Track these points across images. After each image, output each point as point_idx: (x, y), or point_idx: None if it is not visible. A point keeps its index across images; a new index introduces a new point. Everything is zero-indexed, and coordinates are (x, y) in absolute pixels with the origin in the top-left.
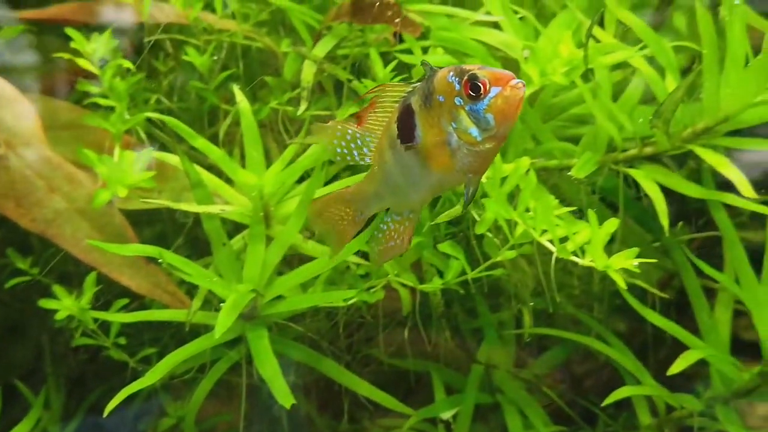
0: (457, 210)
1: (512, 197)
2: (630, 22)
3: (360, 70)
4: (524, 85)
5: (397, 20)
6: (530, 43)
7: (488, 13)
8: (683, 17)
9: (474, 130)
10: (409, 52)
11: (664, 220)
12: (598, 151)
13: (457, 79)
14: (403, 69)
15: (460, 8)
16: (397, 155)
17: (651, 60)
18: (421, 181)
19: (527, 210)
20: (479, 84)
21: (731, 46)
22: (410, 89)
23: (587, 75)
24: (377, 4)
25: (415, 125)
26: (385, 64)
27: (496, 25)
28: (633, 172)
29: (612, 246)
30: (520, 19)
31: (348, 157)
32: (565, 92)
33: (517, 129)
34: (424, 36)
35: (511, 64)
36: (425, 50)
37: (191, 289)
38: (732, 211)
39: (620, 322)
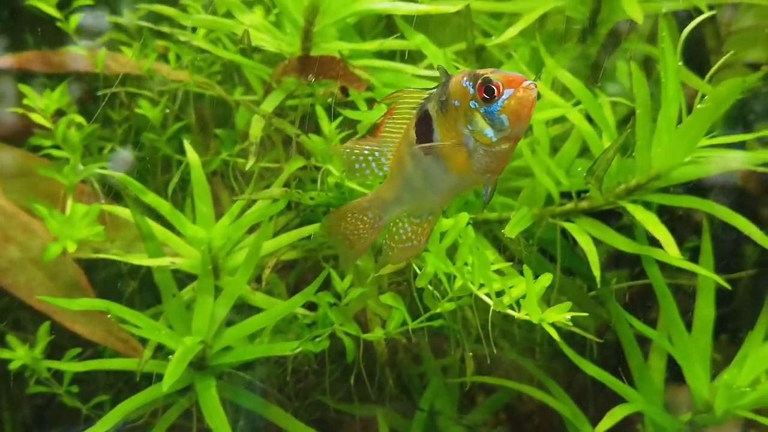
0: (400, 264)
1: (455, 249)
2: (566, 81)
3: (308, 123)
4: (536, 87)
5: (343, 76)
6: None
7: (431, 67)
8: (625, 67)
9: (489, 131)
10: (354, 107)
11: (596, 272)
12: (536, 205)
13: (471, 83)
14: (349, 124)
15: (404, 63)
16: (416, 160)
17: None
18: (441, 183)
19: (466, 264)
20: (493, 87)
21: (665, 107)
22: (426, 96)
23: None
24: (323, 60)
25: (433, 130)
26: (335, 117)
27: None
28: (568, 226)
29: (551, 294)
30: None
31: (367, 171)
32: None
33: None
34: (370, 90)
35: None
36: (370, 105)
37: None
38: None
39: (561, 366)
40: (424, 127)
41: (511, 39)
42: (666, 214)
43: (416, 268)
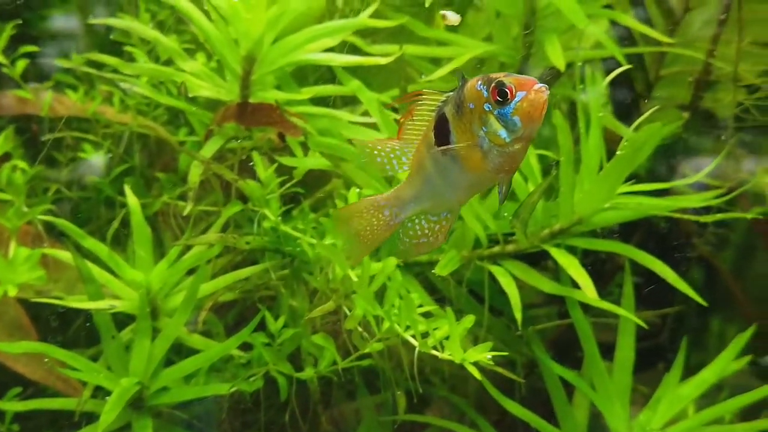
0: (330, 305)
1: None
2: None
3: (245, 168)
4: (548, 89)
5: (279, 123)
6: None
7: (367, 113)
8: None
9: (503, 132)
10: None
11: (518, 314)
12: (466, 248)
13: (485, 87)
14: (285, 170)
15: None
16: (435, 160)
17: None
18: (459, 182)
19: (393, 306)
20: (506, 90)
21: (586, 155)
22: (444, 99)
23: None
24: (261, 107)
25: (450, 132)
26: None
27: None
28: (493, 269)
29: (479, 333)
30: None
31: (387, 167)
32: None
33: None
34: (305, 137)
35: None
36: (306, 151)
37: None
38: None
39: (492, 402)
40: (441, 129)
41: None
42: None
43: (346, 310)
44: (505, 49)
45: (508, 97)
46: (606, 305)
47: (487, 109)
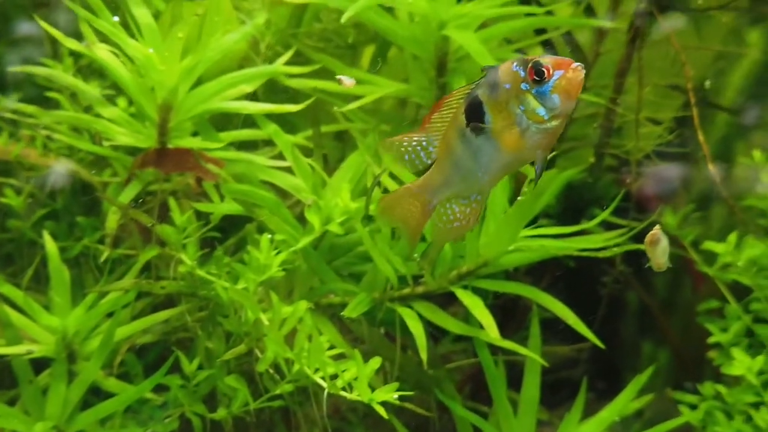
0: (242, 348)
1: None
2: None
3: (163, 213)
4: (584, 68)
5: (195, 168)
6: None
7: (281, 156)
8: None
9: (541, 110)
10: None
11: (423, 355)
12: (377, 289)
13: (521, 67)
14: (202, 216)
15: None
16: (467, 143)
17: None
18: (493, 162)
19: (303, 349)
20: (543, 69)
21: (491, 199)
22: (473, 86)
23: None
24: (177, 153)
25: (484, 113)
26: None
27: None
28: (401, 310)
29: (394, 372)
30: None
31: (416, 161)
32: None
33: (302, 270)
34: (220, 182)
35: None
36: (222, 197)
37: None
38: None
39: None
40: (475, 111)
41: (366, 125)
42: None
43: (258, 353)
44: (420, 90)
45: (545, 76)
46: (509, 345)
47: (525, 89)
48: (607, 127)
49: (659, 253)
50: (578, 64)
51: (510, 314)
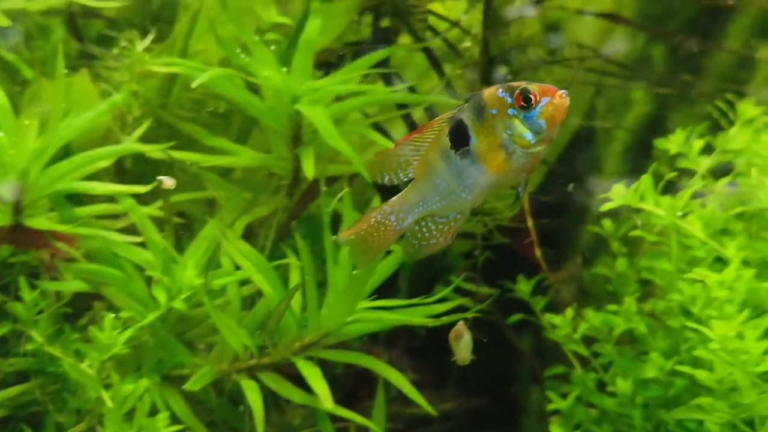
0: (82, 426)
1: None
2: (241, 253)
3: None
4: (568, 95)
5: (47, 245)
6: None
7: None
8: None
9: (528, 135)
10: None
11: (260, 428)
12: (225, 361)
13: (508, 93)
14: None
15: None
16: (450, 163)
17: None
18: (478, 183)
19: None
20: (531, 96)
21: (331, 273)
22: (455, 111)
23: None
24: (31, 231)
25: (469, 136)
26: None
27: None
28: (243, 382)
29: None
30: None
31: (394, 179)
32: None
33: (150, 345)
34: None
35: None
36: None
37: None
38: None
39: None
40: (459, 134)
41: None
42: None
43: (100, 430)
44: (278, 161)
45: (533, 102)
46: (347, 414)
47: (512, 114)
48: None
49: (462, 347)
50: (563, 91)
51: (364, 381)
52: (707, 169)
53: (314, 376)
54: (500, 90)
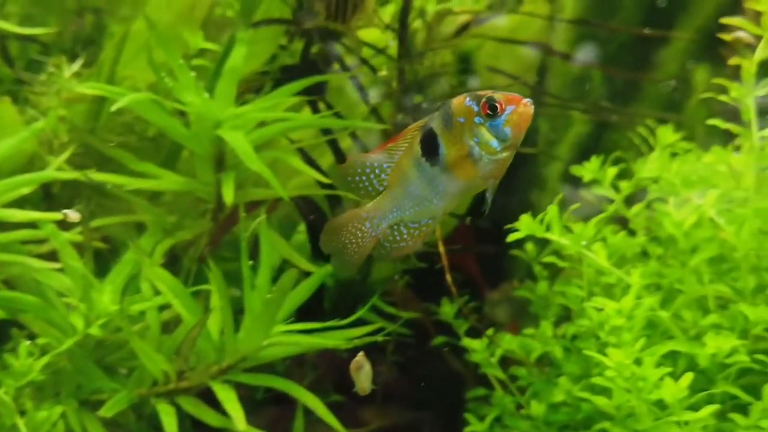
0: None
1: None
2: (159, 278)
3: None
4: (533, 103)
5: None
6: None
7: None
8: None
9: (494, 142)
10: None
11: None
12: (144, 385)
13: (474, 102)
14: None
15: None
16: (422, 171)
17: None
18: (448, 190)
19: None
20: (497, 104)
21: (247, 297)
22: (427, 120)
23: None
24: None
25: (439, 144)
26: None
27: None
28: (160, 406)
29: None
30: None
31: (369, 188)
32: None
33: (68, 370)
34: None
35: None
36: None
37: None
38: None
39: None
40: (429, 142)
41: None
42: None
43: None
44: (202, 185)
45: (498, 110)
46: None
47: (478, 122)
48: None
49: (363, 378)
50: (528, 99)
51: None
52: (625, 195)
53: (229, 399)
54: (467, 99)
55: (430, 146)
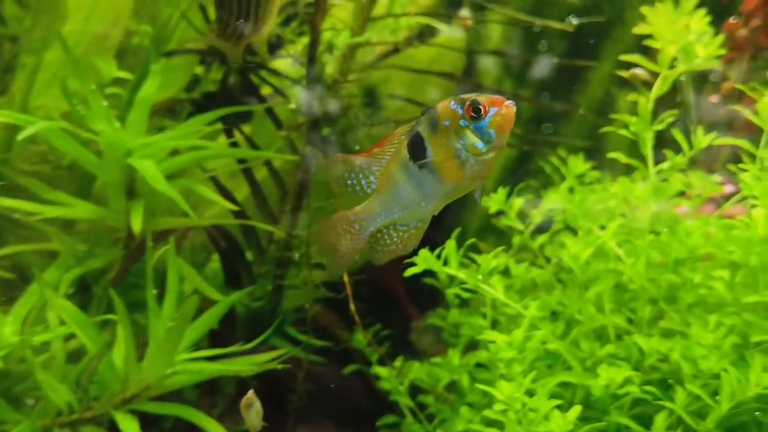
0: None
1: None
2: (62, 309)
3: None
4: (514, 104)
5: None
6: None
7: None
8: None
9: (479, 144)
10: None
11: None
12: (48, 416)
13: (459, 105)
14: None
15: None
16: (410, 174)
17: None
18: (436, 192)
19: None
20: (480, 107)
21: (152, 327)
22: (413, 123)
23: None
24: None
25: (426, 147)
26: None
27: None
28: None
29: None
30: None
31: (357, 188)
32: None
33: None
34: None
35: None
36: None
37: None
38: None
39: None
40: (416, 146)
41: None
42: None
43: None
44: (114, 214)
45: (482, 113)
46: None
47: (463, 125)
48: None
49: (253, 415)
50: (510, 102)
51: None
52: (534, 225)
53: (130, 429)
54: (452, 102)
55: (417, 150)
